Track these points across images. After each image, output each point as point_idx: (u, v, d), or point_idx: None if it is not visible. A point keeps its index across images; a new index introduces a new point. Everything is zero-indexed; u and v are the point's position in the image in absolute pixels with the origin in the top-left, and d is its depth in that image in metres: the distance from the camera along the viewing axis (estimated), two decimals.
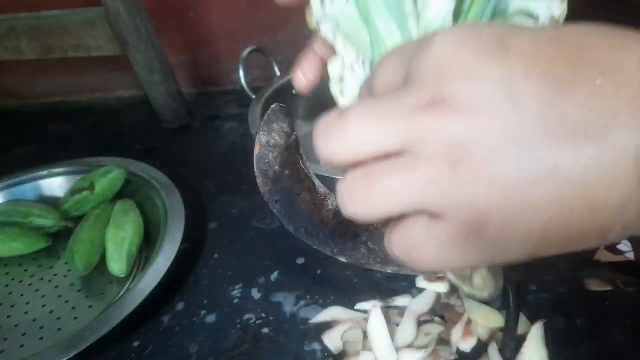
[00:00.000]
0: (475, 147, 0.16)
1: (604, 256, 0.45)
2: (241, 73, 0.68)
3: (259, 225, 0.56)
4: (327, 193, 0.33)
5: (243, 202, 0.60)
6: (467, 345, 0.41)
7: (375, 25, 0.22)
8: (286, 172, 0.32)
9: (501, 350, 0.39)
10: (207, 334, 0.44)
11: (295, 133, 0.32)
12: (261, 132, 0.31)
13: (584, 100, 0.16)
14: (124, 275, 0.51)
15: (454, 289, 0.44)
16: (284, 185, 0.32)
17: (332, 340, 0.42)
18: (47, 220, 0.57)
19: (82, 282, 0.52)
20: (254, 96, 0.68)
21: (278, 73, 0.72)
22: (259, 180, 0.32)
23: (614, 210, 0.16)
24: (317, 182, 0.33)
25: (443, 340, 0.41)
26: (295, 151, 0.32)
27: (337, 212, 0.33)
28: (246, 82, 0.68)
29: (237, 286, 0.49)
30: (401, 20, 0.22)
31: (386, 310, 0.43)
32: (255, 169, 0.31)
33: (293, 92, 0.71)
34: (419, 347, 0.41)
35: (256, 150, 0.31)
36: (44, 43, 0.73)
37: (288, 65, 0.73)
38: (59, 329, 0.47)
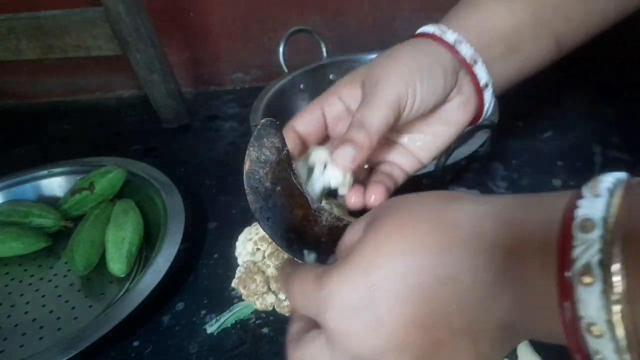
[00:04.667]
0: None
1: None
2: (281, 50, 0.70)
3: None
4: (321, 209, 0.32)
5: (243, 202, 0.60)
6: None
7: None
8: (278, 188, 0.31)
9: None
10: (207, 334, 0.44)
11: (287, 148, 0.31)
12: (251, 148, 0.30)
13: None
14: (124, 275, 0.51)
15: None
16: (275, 202, 0.31)
17: None
18: (47, 220, 0.57)
19: (82, 282, 0.52)
20: (286, 70, 0.71)
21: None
22: (249, 198, 0.31)
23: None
24: (310, 197, 0.32)
25: None
26: (287, 166, 0.31)
27: (331, 229, 0.32)
28: (284, 60, 0.71)
29: None
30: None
31: None
32: (245, 186, 0.31)
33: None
34: None
35: (246, 167, 0.30)
36: (44, 43, 0.73)
37: (290, 64, 0.73)
38: (59, 329, 0.47)
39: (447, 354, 0.22)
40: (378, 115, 0.31)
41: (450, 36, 0.35)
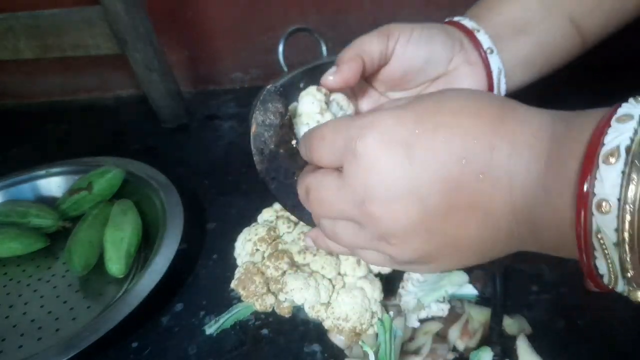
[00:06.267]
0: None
1: None
2: (280, 49, 0.69)
3: None
4: None
5: (243, 202, 0.60)
6: (463, 345, 0.40)
7: None
8: (281, 151, 0.33)
9: (489, 336, 0.40)
10: (206, 335, 0.44)
11: (289, 113, 0.33)
12: (257, 112, 0.32)
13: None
14: (122, 275, 0.51)
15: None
16: (279, 163, 0.33)
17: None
18: (46, 221, 0.56)
19: (80, 283, 0.52)
20: (286, 69, 0.69)
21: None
22: (255, 159, 0.33)
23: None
24: None
25: (441, 339, 0.41)
26: (289, 130, 0.33)
27: None
28: (284, 59, 0.69)
29: None
30: None
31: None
32: (252, 147, 0.32)
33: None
34: (418, 348, 0.40)
35: (253, 129, 0.32)
36: (42, 42, 0.72)
37: (290, 64, 0.73)
38: (58, 330, 0.47)
39: (457, 221, 0.24)
40: (365, 37, 0.35)
41: (468, 23, 0.38)
